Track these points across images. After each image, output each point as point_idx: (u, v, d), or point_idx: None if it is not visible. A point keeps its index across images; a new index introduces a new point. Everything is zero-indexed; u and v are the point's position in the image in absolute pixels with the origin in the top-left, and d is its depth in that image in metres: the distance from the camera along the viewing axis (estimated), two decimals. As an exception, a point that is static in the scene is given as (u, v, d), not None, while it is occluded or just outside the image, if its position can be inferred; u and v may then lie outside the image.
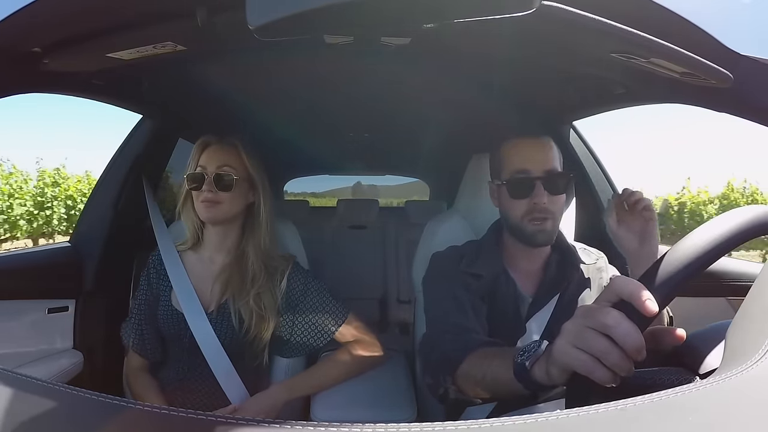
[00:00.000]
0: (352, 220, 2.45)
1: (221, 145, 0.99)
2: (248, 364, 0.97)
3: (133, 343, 1.02)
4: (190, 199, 0.99)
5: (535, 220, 0.84)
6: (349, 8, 0.41)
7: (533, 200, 0.84)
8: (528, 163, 0.86)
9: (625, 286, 0.42)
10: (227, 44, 0.79)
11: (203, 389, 0.96)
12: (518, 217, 0.86)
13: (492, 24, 0.45)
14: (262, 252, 0.99)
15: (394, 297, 2.34)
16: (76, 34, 0.65)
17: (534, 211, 0.84)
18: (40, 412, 0.33)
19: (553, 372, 0.47)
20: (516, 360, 0.54)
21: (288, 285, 0.99)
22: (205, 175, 0.95)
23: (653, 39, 0.53)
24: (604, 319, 0.41)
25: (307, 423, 0.29)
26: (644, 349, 0.40)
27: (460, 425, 0.29)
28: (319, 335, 1.00)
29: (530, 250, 0.90)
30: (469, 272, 0.88)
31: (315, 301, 1.00)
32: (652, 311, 0.40)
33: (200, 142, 1.00)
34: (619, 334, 0.40)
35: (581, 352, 0.42)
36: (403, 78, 1.17)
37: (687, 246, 0.43)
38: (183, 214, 1.01)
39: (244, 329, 0.94)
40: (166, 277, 1.00)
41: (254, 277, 0.96)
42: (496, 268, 0.89)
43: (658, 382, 0.44)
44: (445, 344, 0.76)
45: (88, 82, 0.92)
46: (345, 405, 0.95)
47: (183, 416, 0.30)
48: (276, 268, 0.99)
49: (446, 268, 0.91)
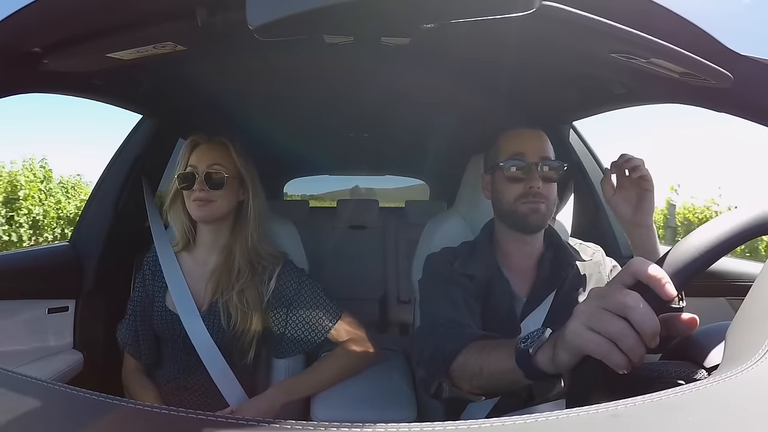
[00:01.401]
0: (352, 220, 2.45)
1: (211, 144, 1.00)
2: (237, 362, 0.97)
3: (128, 344, 1.03)
4: (179, 200, 0.99)
5: (529, 203, 0.85)
6: (349, 8, 0.41)
7: (529, 183, 0.85)
8: (524, 147, 0.87)
9: (644, 268, 0.41)
10: (227, 44, 0.80)
11: (199, 389, 0.96)
12: (511, 201, 0.87)
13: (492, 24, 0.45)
14: (249, 249, 0.99)
15: (394, 297, 2.34)
16: (76, 34, 0.65)
17: (528, 194, 0.85)
18: (40, 412, 0.33)
19: (561, 357, 0.45)
20: (518, 346, 0.53)
21: (280, 283, 0.99)
22: (196, 174, 0.96)
23: (653, 39, 0.53)
24: (623, 299, 0.40)
25: (307, 423, 0.29)
26: (659, 335, 0.39)
27: (460, 425, 0.29)
28: (312, 333, 1.00)
29: (524, 245, 0.90)
30: (462, 273, 0.88)
31: (308, 300, 1.00)
32: (671, 294, 0.39)
33: (190, 142, 1.00)
34: (636, 317, 0.39)
35: (596, 335, 0.40)
36: (403, 78, 1.17)
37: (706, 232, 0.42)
38: (171, 214, 1.01)
39: (231, 326, 0.94)
40: (160, 278, 1.01)
41: (239, 272, 0.97)
42: (490, 268, 0.89)
43: (665, 374, 0.44)
44: (439, 337, 0.74)
45: (88, 82, 0.92)
46: (345, 405, 0.95)
47: (182, 416, 0.30)
48: (264, 266, 0.99)
49: (440, 268, 0.91)
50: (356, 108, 1.53)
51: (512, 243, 0.91)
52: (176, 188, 0.98)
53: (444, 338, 0.74)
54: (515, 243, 0.91)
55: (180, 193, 0.99)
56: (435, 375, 0.72)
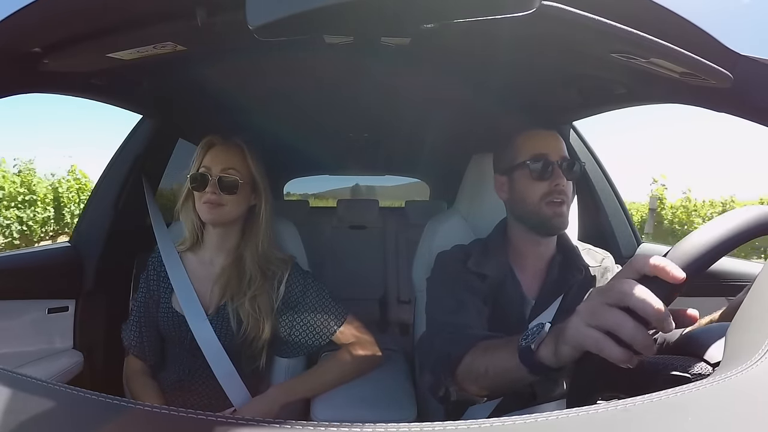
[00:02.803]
0: (352, 220, 2.45)
1: (226, 146, 0.98)
2: (246, 366, 0.96)
3: (133, 346, 1.02)
4: (191, 199, 0.98)
5: (554, 203, 0.85)
6: (349, 8, 0.41)
7: (554, 182, 0.85)
8: (546, 148, 0.88)
9: (646, 260, 0.40)
10: (227, 44, 0.80)
11: (204, 391, 0.96)
12: (536, 200, 0.87)
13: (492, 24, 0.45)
14: (259, 255, 0.98)
15: (394, 297, 2.34)
16: (76, 34, 0.65)
17: (553, 192, 0.85)
18: (40, 412, 0.33)
19: (563, 351, 0.45)
20: (520, 344, 0.53)
21: (287, 286, 0.99)
22: (210, 177, 0.94)
23: (653, 39, 0.53)
24: (620, 287, 0.39)
25: (307, 423, 0.29)
26: (670, 318, 0.38)
27: (460, 425, 0.29)
28: (317, 336, 1.00)
29: (537, 246, 0.90)
30: (476, 272, 0.87)
31: (314, 302, 1.00)
32: (679, 276, 0.38)
33: (205, 142, 0.98)
34: (635, 301, 0.38)
35: (593, 330, 0.40)
36: (403, 78, 1.17)
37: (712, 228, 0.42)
38: (182, 213, 1.00)
39: (242, 331, 0.93)
40: (165, 279, 1.00)
41: (251, 279, 0.96)
42: (503, 268, 0.89)
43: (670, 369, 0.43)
44: (444, 342, 0.75)
45: (88, 82, 0.92)
46: (345, 405, 0.95)
47: (183, 416, 0.30)
48: (274, 272, 0.99)
49: (451, 268, 0.90)
50: (356, 108, 1.53)
51: (527, 244, 0.91)
52: (188, 188, 0.97)
53: (449, 343, 0.74)
54: (530, 244, 0.91)
55: (192, 193, 0.98)
56: (441, 379, 0.72)
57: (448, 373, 0.71)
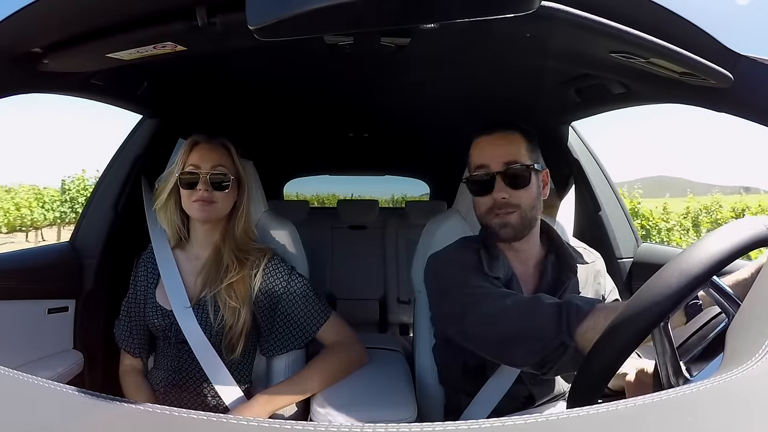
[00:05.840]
0: (352, 220, 2.45)
1: (212, 144, 1.00)
2: (225, 357, 0.97)
3: (123, 342, 1.04)
4: (173, 198, 0.99)
5: (498, 216, 0.84)
6: (349, 8, 0.41)
7: (493, 195, 0.83)
8: (486, 158, 0.85)
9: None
10: (227, 44, 0.79)
11: (195, 388, 0.97)
12: (483, 213, 0.86)
13: (492, 24, 0.45)
14: (235, 243, 1.00)
15: (394, 297, 2.34)
16: (76, 34, 0.65)
17: (495, 207, 0.84)
18: (40, 412, 0.33)
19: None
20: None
21: (269, 278, 0.99)
22: (200, 175, 0.96)
23: (653, 39, 0.53)
24: None
25: (307, 423, 0.30)
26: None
27: (460, 425, 0.29)
28: (299, 332, 1.00)
29: (515, 251, 0.90)
30: (493, 276, 0.85)
31: (296, 297, 1.00)
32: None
33: (190, 141, 1.00)
34: None
35: None
36: (403, 78, 1.17)
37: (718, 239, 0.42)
38: (161, 213, 1.01)
39: (219, 318, 0.95)
40: (153, 275, 1.02)
41: (227, 267, 0.97)
42: (508, 270, 0.88)
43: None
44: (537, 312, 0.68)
45: (88, 82, 0.92)
46: (345, 405, 0.95)
47: (183, 416, 0.30)
48: (252, 261, 1.00)
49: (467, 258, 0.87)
50: (356, 108, 1.53)
51: (506, 251, 0.90)
52: (172, 187, 0.98)
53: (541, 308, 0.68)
54: (508, 251, 0.90)
55: (175, 193, 0.99)
56: (556, 345, 0.62)
57: (567, 334, 0.62)
